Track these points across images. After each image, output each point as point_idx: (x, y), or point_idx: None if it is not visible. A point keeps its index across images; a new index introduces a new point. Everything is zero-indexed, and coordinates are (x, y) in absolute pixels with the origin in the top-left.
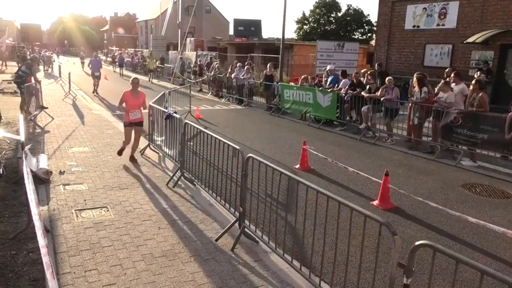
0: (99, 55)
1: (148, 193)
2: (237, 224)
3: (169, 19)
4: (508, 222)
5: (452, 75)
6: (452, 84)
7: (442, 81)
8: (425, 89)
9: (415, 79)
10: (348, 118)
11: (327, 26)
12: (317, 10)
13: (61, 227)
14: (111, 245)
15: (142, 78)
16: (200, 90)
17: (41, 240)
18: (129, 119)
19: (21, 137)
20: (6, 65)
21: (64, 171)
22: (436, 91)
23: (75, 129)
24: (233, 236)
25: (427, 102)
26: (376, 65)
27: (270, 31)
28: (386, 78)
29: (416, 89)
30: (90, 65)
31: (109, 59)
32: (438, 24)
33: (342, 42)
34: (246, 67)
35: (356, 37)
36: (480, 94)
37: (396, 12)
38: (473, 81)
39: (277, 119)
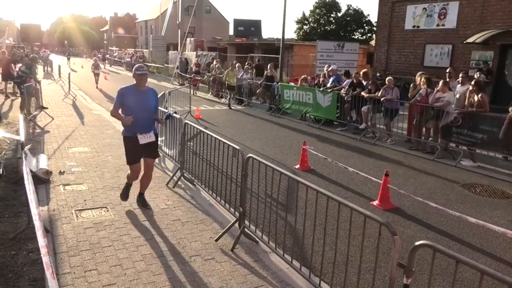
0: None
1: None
2: (237, 224)
3: (169, 19)
4: (508, 222)
5: (460, 75)
6: (458, 85)
7: (441, 81)
8: (422, 90)
9: (423, 79)
10: (348, 118)
11: (327, 26)
12: (317, 10)
13: (61, 227)
14: (111, 245)
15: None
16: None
17: (41, 241)
18: None
19: (21, 137)
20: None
21: (64, 171)
22: (435, 91)
23: (75, 129)
24: (233, 236)
25: (422, 102)
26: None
27: (270, 31)
28: (387, 78)
29: (422, 90)
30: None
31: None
32: (438, 25)
33: (342, 42)
34: (245, 67)
35: (356, 37)
36: (480, 94)
37: (396, 13)
38: (472, 82)
39: (277, 119)
